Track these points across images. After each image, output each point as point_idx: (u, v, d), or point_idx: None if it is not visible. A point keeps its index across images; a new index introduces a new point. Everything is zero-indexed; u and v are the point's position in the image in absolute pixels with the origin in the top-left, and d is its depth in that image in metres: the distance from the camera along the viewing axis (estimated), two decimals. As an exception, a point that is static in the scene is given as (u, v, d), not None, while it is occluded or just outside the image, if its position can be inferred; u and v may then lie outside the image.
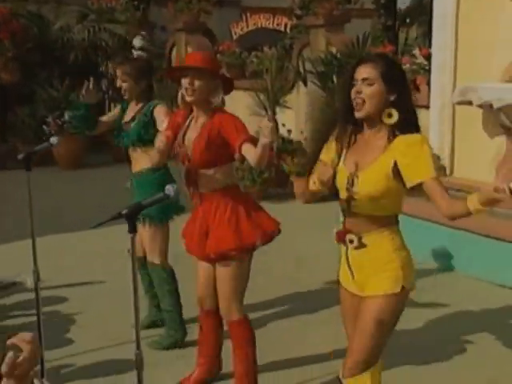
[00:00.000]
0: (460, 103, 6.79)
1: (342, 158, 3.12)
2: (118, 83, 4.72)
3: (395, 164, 2.92)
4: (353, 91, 2.97)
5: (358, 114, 2.99)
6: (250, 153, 3.51)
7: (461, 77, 7.19)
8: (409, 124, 2.98)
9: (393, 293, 3.05)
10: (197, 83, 3.69)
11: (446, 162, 7.40)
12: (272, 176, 8.49)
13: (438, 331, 4.99)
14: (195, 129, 3.81)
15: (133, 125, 4.64)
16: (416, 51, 8.10)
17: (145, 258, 4.86)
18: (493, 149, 6.85)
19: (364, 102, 2.95)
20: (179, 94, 3.78)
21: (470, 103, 6.67)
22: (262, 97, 9.04)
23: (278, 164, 8.59)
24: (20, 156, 4.04)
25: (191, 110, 3.86)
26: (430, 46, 9.01)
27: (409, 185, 2.93)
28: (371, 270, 3.09)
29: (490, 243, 6.16)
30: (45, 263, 4.52)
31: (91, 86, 4.70)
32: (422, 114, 7.77)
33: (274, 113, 9.08)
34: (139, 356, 2.60)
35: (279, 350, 4.63)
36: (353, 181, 3.03)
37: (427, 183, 2.88)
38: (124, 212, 2.42)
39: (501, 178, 2.65)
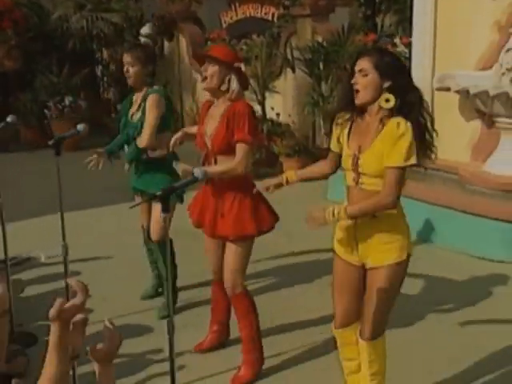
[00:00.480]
0: (439, 89, 7.05)
1: (346, 142, 3.34)
2: (126, 68, 4.82)
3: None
4: (353, 82, 3.22)
5: (356, 102, 3.23)
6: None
7: (439, 64, 7.43)
8: (407, 105, 3.18)
9: (401, 260, 3.30)
10: (209, 70, 3.89)
11: (425, 143, 7.68)
12: (262, 157, 8.70)
13: (419, 300, 5.26)
14: (214, 118, 3.97)
15: (138, 116, 4.83)
16: (397, 40, 8.31)
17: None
18: (468, 132, 7.13)
19: (358, 91, 3.20)
20: None
21: (448, 89, 6.94)
22: (252, 82, 9.24)
23: (268, 145, 8.81)
24: (50, 142, 4.23)
25: None
26: (403, 33, 9.27)
27: (386, 164, 3.16)
28: (377, 241, 3.29)
29: (465, 218, 6.45)
30: (56, 239, 4.72)
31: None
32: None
33: (264, 97, 9.31)
34: (171, 323, 2.82)
35: (279, 316, 4.90)
36: (357, 162, 3.26)
37: (388, 170, 3.15)
38: (158, 194, 2.64)
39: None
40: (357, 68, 3.22)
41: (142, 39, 4.97)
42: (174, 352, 2.84)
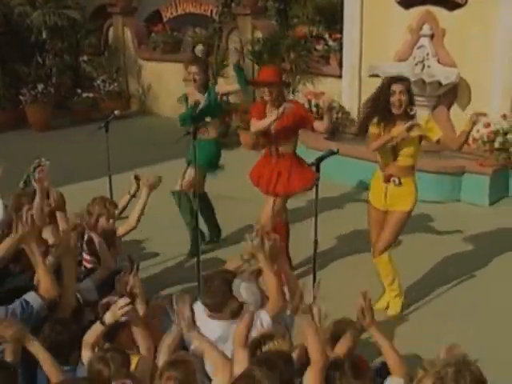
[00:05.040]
0: (371, 76, 8.82)
1: (383, 134, 5.05)
2: (192, 77, 6.28)
3: (419, 136, 4.97)
4: (396, 99, 4.91)
5: (398, 112, 4.96)
6: (319, 126, 5.46)
7: (365, 57, 9.27)
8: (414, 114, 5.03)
9: (408, 210, 5.19)
10: (269, 90, 5.51)
11: (354, 116, 9.52)
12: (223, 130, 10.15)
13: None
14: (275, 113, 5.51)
15: (205, 104, 6.28)
16: (326, 36, 10.01)
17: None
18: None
19: (401, 104, 4.92)
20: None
21: (377, 76, 8.72)
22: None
23: (227, 121, 10.30)
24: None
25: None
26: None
27: (433, 140, 4.98)
28: (399, 198, 5.15)
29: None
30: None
31: None
32: (333, 82, 9.82)
33: (216, 82, 10.72)
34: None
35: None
36: (395, 147, 5.00)
37: (441, 138, 4.99)
38: (314, 161, 4.23)
39: None
40: (397, 89, 4.92)
41: (199, 54, 6.34)
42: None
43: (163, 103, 12.37)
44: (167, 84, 12.14)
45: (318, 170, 4.28)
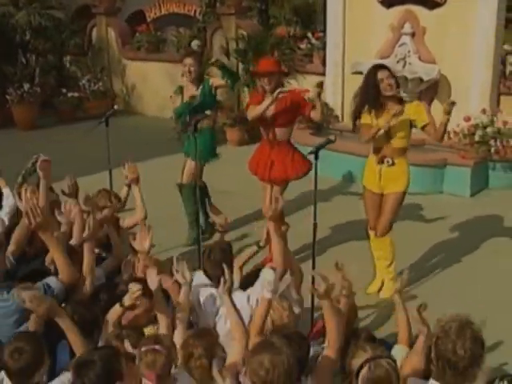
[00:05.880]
0: (355, 73, 9.11)
1: (375, 120, 5.30)
2: (187, 68, 6.44)
3: (409, 120, 5.23)
4: (385, 84, 5.17)
5: (391, 94, 5.22)
6: (314, 114, 5.70)
7: (348, 54, 9.56)
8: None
9: (403, 190, 5.41)
10: (269, 79, 5.70)
11: (338, 112, 9.82)
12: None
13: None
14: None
15: (201, 99, 6.48)
16: (309, 34, 10.30)
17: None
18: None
19: (392, 87, 5.19)
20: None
21: (360, 73, 9.01)
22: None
23: (215, 117, 10.49)
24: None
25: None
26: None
27: (419, 127, 5.24)
28: (393, 179, 5.38)
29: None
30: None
31: None
32: (317, 79, 10.04)
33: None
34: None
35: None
36: (389, 130, 5.24)
37: (427, 126, 5.24)
38: (314, 149, 4.47)
39: None
40: (384, 76, 5.19)
41: (195, 48, 6.57)
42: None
43: (148, 103, 12.58)
44: (151, 83, 12.36)
45: (316, 157, 4.54)
